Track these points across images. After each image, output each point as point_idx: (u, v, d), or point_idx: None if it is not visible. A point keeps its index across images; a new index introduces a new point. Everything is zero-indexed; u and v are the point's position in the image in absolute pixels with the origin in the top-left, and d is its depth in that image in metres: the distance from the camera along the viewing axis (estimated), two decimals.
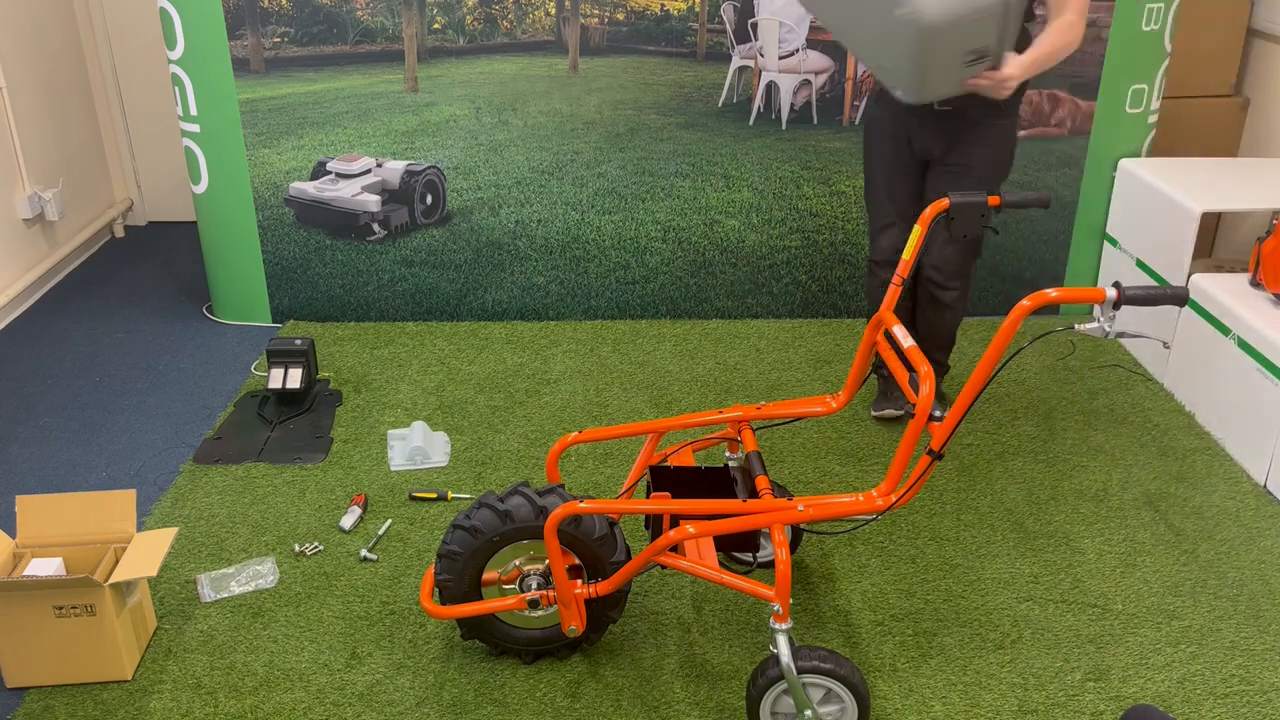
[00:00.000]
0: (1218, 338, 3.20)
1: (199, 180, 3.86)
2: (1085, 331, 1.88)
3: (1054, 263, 4.04)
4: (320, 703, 2.28)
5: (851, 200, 3.90)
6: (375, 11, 3.66)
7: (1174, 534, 2.81)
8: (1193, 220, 3.38)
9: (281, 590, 2.61)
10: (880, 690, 2.31)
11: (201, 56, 3.65)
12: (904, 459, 2.08)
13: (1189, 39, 3.98)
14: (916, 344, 2.43)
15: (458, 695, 2.29)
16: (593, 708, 2.26)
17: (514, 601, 2.28)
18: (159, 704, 2.27)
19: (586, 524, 2.23)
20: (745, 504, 2.13)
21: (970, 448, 3.19)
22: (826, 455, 3.16)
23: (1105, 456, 3.15)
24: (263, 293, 4.00)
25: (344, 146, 3.82)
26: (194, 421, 3.36)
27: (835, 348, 3.81)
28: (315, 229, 3.91)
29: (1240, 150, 4.21)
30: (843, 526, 2.80)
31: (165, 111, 4.78)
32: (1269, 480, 2.99)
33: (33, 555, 2.37)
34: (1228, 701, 2.28)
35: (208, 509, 2.91)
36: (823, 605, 2.56)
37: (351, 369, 3.66)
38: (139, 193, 5.01)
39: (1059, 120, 3.84)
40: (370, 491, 2.98)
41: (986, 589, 2.61)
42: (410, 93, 3.76)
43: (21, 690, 2.32)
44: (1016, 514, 2.89)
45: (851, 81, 3.76)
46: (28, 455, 3.19)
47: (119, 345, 3.88)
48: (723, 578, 2.13)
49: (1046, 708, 2.26)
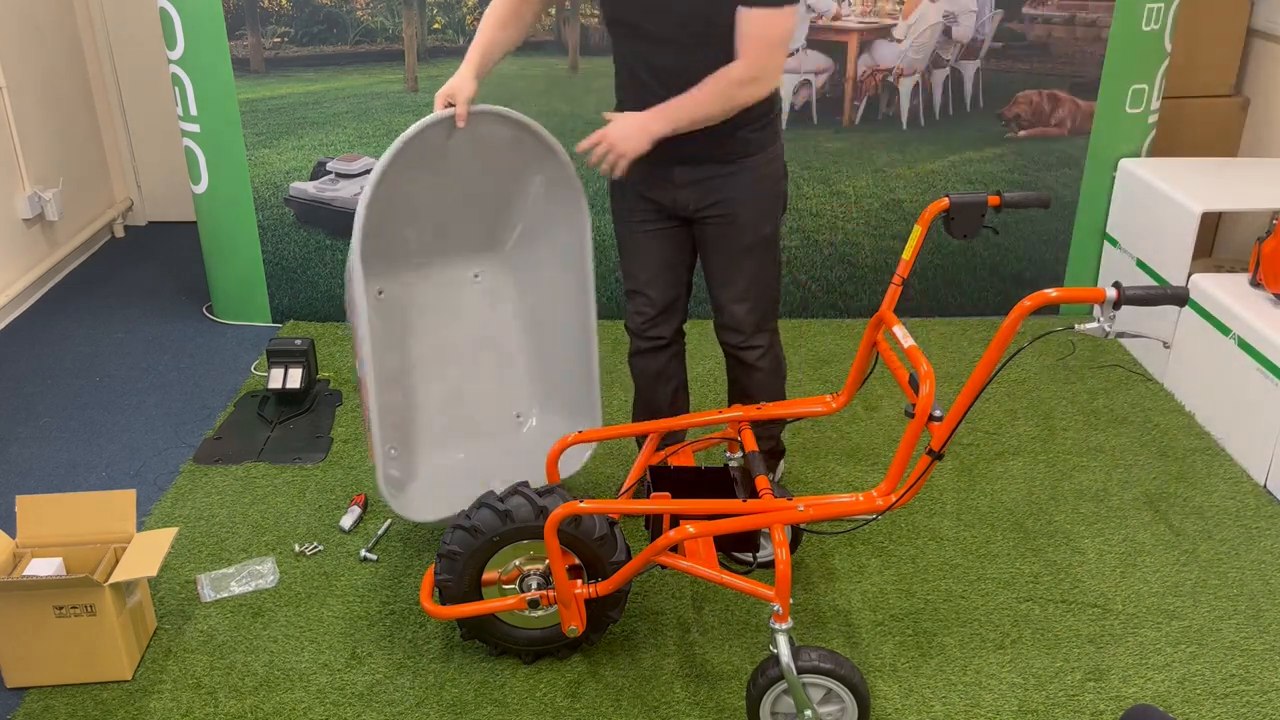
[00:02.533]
0: (1218, 338, 3.20)
1: (199, 180, 3.86)
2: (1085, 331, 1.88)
3: (1054, 263, 4.04)
4: (320, 703, 2.28)
5: (851, 200, 3.90)
6: (375, 11, 3.66)
7: (1174, 534, 2.81)
8: (1193, 220, 3.38)
9: (281, 590, 2.61)
10: (880, 690, 2.31)
11: (201, 56, 3.65)
12: (904, 459, 2.08)
13: (1189, 39, 3.98)
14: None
15: (458, 695, 2.29)
16: (593, 708, 2.26)
17: (514, 601, 2.28)
18: (159, 704, 2.27)
19: (586, 524, 2.23)
20: (745, 504, 2.13)
21: (970, 448, 3.19)
22: (826, 455, 3.16)
23: (1105, 456, 3.15)
24: (262, 293, 4.00)
25: (344, 146, 3.82)
26: (194, 421, 3.36)
27: (835, 348, 3.81)
28: (315, 229, 3.91)
29: (1240, 150, 4.21)
30: (843, 526, 2.80)
31: (165, 111, 4.78)
32: (1269, 480, 2.99)
33: (33, 555, 2.36)
34: (1228, 701, 2.28)
35: (208, 509, 2.91)
36: (823, 605, 2.56)
37: (351, 369, 3.66)
38: (139, 193, 5.01)
39: (1059, 120, 3.84)
40: (370, 491, 2.98)
41: (986, 589, 2.61)
42: (410, 93, 3.76)
43: (21, 690, 2.32)
44: (1016, 514, 2.89)
45: (852, 81, 3.76)
46: (28, 455, 3.19)
47: (119, 345, 3.88)
48: (723, 578, 2.12)
49: (1046, 708, 2.26)
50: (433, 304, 2.76)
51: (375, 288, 2.65)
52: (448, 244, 2.73)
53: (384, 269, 2.66)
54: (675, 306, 2.67)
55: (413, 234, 2.67)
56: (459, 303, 2.79)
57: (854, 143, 3.84)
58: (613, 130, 2.29)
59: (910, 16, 3.68)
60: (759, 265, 2.54)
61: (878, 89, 3.78)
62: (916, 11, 3.67)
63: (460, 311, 2.79)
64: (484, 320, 2.81)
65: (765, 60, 2.24)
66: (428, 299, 2.75)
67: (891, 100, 3.80)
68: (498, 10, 2.46)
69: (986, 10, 3.69)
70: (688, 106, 2.27)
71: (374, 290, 2.65)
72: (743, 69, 2.24)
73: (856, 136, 3.83)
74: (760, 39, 2.22)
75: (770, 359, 2.65)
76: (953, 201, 2.30)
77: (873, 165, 3.87)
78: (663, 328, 2.67)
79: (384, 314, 2.69)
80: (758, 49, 2.23)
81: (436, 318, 2.77)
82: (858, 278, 4.01)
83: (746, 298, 2.56)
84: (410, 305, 2.73)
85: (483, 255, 2.78)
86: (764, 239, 2.52)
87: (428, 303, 2.75)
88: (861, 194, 3.90)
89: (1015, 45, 3.75)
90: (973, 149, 3.88)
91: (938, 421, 2.02)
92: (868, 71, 3.75)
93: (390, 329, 2.70)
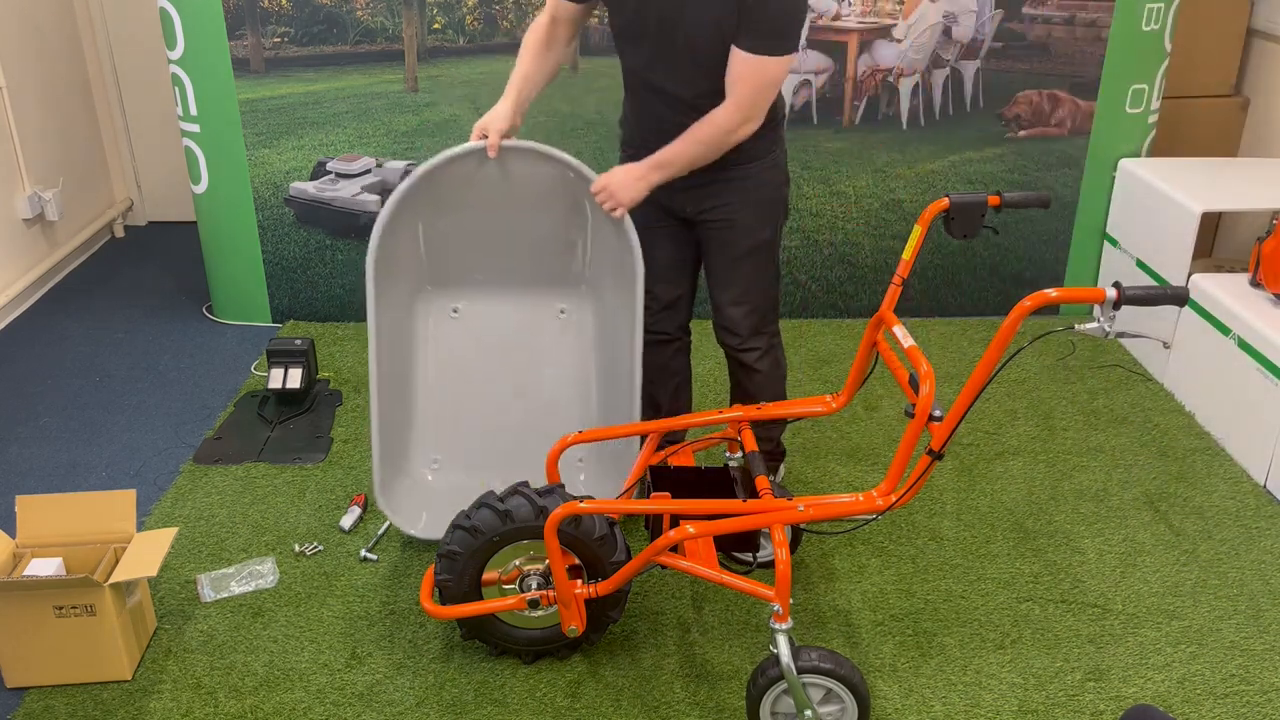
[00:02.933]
0: (1218, 338, 3.20)
1: (199, 180, 3.86)
2: (1085, 331, 1.88)
3: (1054, 263, 4.04)
4: (320, 703, 2.28)
5: (851, 200, 3.90)
6: (375, 11, 3.66)
7: (1174, 534, 2.81)
8: (1193, 220, 3.38)
9: (281, 590, 2.61)
10: (880, 690, 2.31)
11: (201, 56, 3.65)
12: (904, 459, 2.08)
13: (1189, 39, 3.98)
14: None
15: (458, 695, 2.29)
16: (593, 708, 2.26)
17: (514, 601, 2.28)
18: (159, 704, 2.27)
19: (586, 524, 2.23)
20: (745, 504, 2.13)
21: (970, 448, 3.19)
22: (826, 455, 3.16)
23: (1105, 456, 3.15)
24: (262, 293, 4.00)
25: (344, 146, 3.82)
26: (194, 421, 3.36)
27: (835, 348, 3.81)
28: (315, 229, 3.91)
29: (1240, 150, 4.21)
30: (843, 526, 2.80)
31: (165, 111, 4.78)
32: (1269, 480, 2.99)
33: (33, 555, 2.36)
34: (1228, 701, 2.28)
35: (208, 509, 2.91)
36: (823, 605, 2.56)
37: (351, 369, 3.66)
38: (139, 193, 5.01)
39: (1059, 120, 3.84)
40: (370, 491, 2.98)
41: (986, 589, 2.61)
42: (410, 93, 3.76)
43: (21, 690, 2.32)
44: (1016, 514, 2.89)
45: (851, 81, 3.76)
46: (28, 455, 3.19)
47: (119, 345, 3.88)
48: (723, 578, 2.12)
49: (1046, 708, 2.26)
50: (514, 332, 2.79)
51: (451, 304, 2.77)
52: (530, 274, 2.76)
53: (459, 288, 2.76)
54: (679, 304, 2.70)
55: (481, 258, 2.71)
56: (541, 335, 2.80)
57: (854, 143, 3.84)
58: (613, 180, 2.39)
59: (910, 16, 3.68)
60: (756, 269, 2.55)
61: (878, 89, 3.78)
62: (916, 11, 3.67)
63: (542, 345, 2.80)
64: (566, 355, 2.81)
65: (755, 103, 2.28)
66: (509, 326, 2.79)
67: (891, 100, 3.80)
68: (531, 39, 2.50)
69: (986, 10, 3.69)
70: (683, 155, 2.34)
71: (449, 306, 2.77)
72: (732, 113, 2.27)
73: (856, 136, 3.83)
74: (752, 83, 2.25)
75: (769, 361, 2.66)
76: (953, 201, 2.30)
77: (873, 165, 3.87)
78: (666, 323, 2.70)
79: (455, 331, 2.78)
80: (750, 92, 2.26)
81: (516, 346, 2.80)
82: (858, 278, 4.01)
83: (743, 301, 2.58)
84: (489, 328, 2.79)
85: (565, 289, 2.79)
86: (762, 244, 2.53)
87: (509, 330, 2.79)
88: (861, 194, 3.90)
89: (1015, 45, 3.75)
90: (973, 149, 3.88)
91: (938, 421, 2.02)
92: (868, 71, 3.75)
93: (457, 346, 2.78)
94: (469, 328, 2.78)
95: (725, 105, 2.27)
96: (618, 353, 2.67)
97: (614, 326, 2.70)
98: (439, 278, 2.75)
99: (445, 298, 2.77)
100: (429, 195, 2.56)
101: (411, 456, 2.76)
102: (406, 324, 2.74)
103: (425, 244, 2.68)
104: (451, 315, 2.75)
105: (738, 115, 2.27)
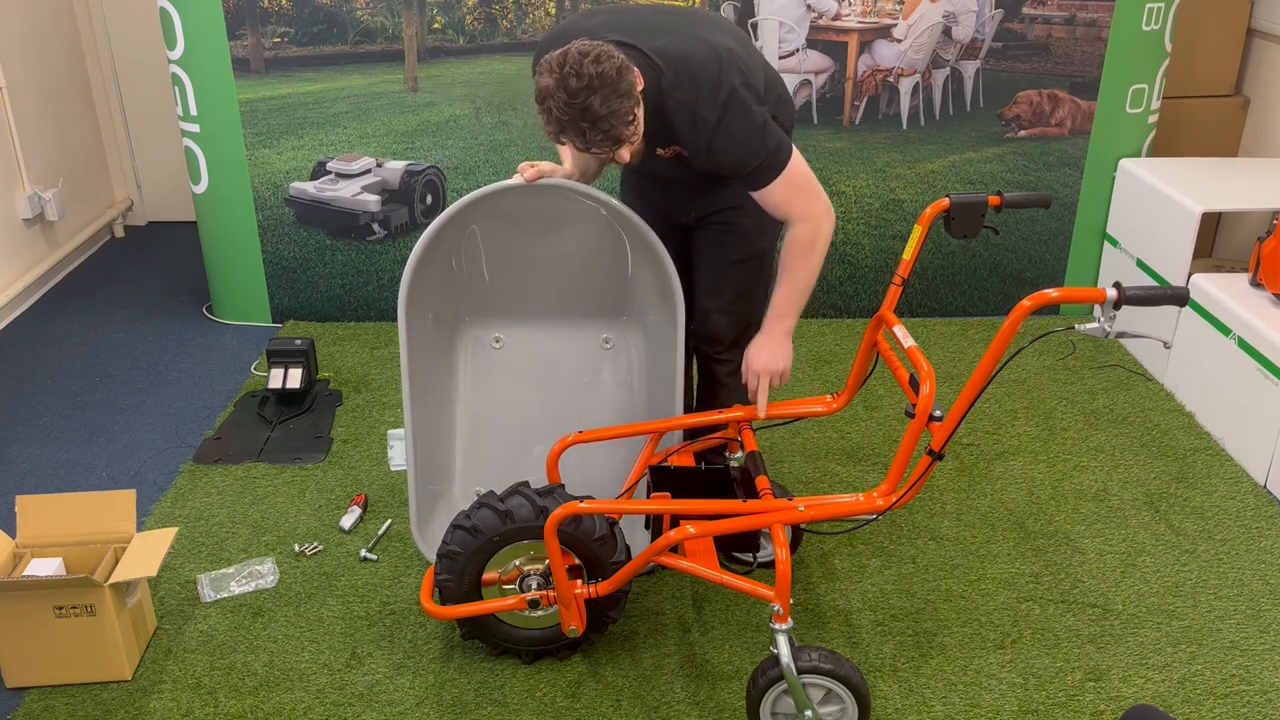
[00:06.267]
0: (1218, 338, 3.20)
1: (199, 180, 3.86)
2: (1085, 331, 1.88)
3: (1054, 263, 4.04)
4: (320, 703, 2.28)
5: (852, 200, 3.90)
6: (375, 11, 3.66)
7: (1174, 534, 2.81)
8: (1193, 220, 3.38)
9: (281, 590, 2.61)
10: (880, 690, 2.31)
11: (201, 56, 3.65)
12: (904, 459, 2.08)
13: (1189, 39, 3.98)
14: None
15: (458, 695, 2.29)
16: (593, 708, 2.26)
17: (514, 601, 2.28)
18: (159, 704, 2.27)
19: (586, 524, 2.23)
20: (745, 504, 2.13)
21: (970, 448, 3.19)
22: (826, 455, 3.16)
23: (1105, 456, 3.15)
24: (263, 293, 4.00)
25: (344, 146, 3.82)
26: (194, 421, 3.36)
27: (835, 348, 3.81)
28: (315, 229, 3.91)
29: (1240, 150, 4.21)
30: (843, 526, 2.80)
31: (165, 111, 4.78)
32: (1269, 480, 2.99)
33: (33, 555, 2.37)
34: (1228, 701, 2.28)
35: (208, 509, 2.91)
36: (823, 605, 2.56)
37: (351, 369, 3.66)
38: (139, 193, 5.01)
39: (1059, 120, 3.84)
40: (370, 491, 2.98)
41: (986, 589, 2.61)
42: (410, 93, 3.76)
43: (21, 690, 2.32)
44: (1016, 514, 2.89)
45: (851, 81, 3.76)
46: (28, 455, 3.19)
47: (119, 345, 3.88)
48: (723, 578, 2.12)
49: (1046, 708, 2.26)
50: (562, 364, 2.78)
51: (493, 335, 2.76)
52: (576, 307, 2.75)
53: (501, 318, 2.74)
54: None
55: (525, 288, 2.71)
56: (585, 365, 2.78)
57: (854, 143, 3.84)
58: (758, 362, 2.36)
59: (910, 16, 3.68)
60: (748, 278, 2.56)
61: (878, 89, 3.78)
62: (916, 11, 3.67)
63: (586, 374, 2.79)
64: (610, 385, 2.79)
65: (809, 206, 2.25)
66: (552, 356, 2.78)
67: (892, 100, 3.80)
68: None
69: (986, 10, 3.69)
70: (797, 293, 2.32)
71: (490, 336, 2.76)
72: (800, 228, 2.25)
73: (856, 136, 3.83)
74: (788, 201, 2.24)
75: (738, 378, 2.61)
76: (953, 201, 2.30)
77: (873, 165, 3.87)
78: None
79: (495, 360, 2.77)
80: (796, 205, 2.25)
81: (561, 376, 2.78)
82: (858, 278, 4.01)
83: (730, 309, 2.58)
84: (533, 358, 2.77)
85: (608, 319, 2.77)
86: (759, 252, 2.54)
87: (557, 362, 2.78)
88: (861, 194, 3.90)
89: (1015, 45, 3.75)
90: (973, 149, 3.88)
91: (938, 421, 2.02)
92: (868, 71, 3.75)
93: (500, 377, 2.77)
94: (512, 358, 2.77)
95: (791, 227, 2.27)
96: (662, 382, 2.65)
97: (658, 356, 2.68)
98: (479, 308, 2.73)
99: (486, 328, 2.75)
100: (465, 228, 2.58)
101: (454, 491, 2.75)
102: (447, 356, 2.72)
103: (465, 274, 2.67)
104: (493, 346, 2.74)
105: (808, 225, 2.25)
